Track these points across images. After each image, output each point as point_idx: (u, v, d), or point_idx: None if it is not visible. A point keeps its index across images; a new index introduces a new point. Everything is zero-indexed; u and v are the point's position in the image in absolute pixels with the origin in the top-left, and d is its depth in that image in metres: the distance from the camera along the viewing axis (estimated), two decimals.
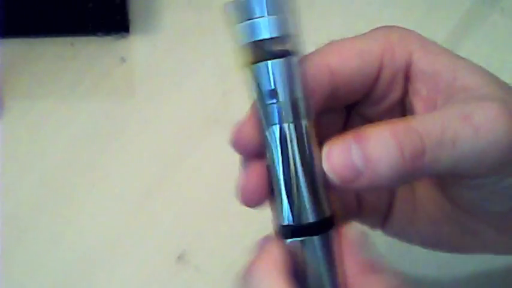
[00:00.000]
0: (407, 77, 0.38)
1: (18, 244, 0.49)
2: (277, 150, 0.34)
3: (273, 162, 0.35)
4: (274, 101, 0.34)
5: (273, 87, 0.34)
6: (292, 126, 0.34)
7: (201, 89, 0.55)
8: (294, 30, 0.35)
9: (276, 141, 0.34)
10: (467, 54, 0.56)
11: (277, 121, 0.34)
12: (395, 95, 0.38)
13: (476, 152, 0.34)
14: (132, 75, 0.57)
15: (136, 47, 0.57)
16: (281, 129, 0.34)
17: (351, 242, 0.35)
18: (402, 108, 0.38)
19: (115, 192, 0.51)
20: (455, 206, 0.39)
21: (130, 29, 0.57)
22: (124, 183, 0.52)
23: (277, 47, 0.34)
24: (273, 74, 0.34)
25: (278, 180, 0.35)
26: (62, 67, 0.56)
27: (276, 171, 0.35)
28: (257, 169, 0.36)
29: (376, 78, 0.37)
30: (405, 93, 0.38)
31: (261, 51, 0.34)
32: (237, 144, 0.36)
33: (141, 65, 0.57)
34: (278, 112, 0.34)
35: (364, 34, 0.38)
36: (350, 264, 0.35)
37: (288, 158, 0.34)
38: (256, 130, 0.35)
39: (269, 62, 0.34)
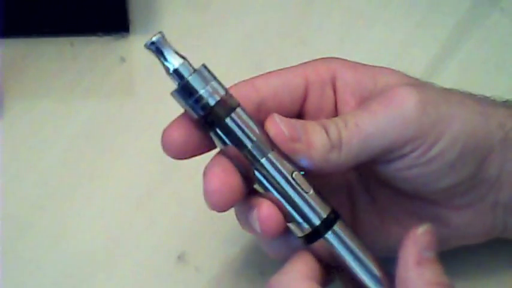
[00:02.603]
0: (335, 91, 0.43)
1: (18, 244, 0.49)
2: (283, 172, 0.40)
3: (284, 185, 0.40)
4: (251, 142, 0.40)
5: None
6: (268, 157, 0.39)
7: None
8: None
9: (277, 166, 0.40)
10: (467, 54, 0.57)
11: (257, 159, 0.39)
12: (328, 107, 0.43)
13: (382, 130, 0.40)
14: (132, 75, 0.57)
15: (136, 47, 0.57)
16: (261, 165, 0.39)
17: (412, 238, 0.39)
18: None
19: (115, 192, 0.51)
20: (412, 198, 0.43)
21: (131, 29, 0.57)
22: (124, 183, 0.52)
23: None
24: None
25: (294, 196, 0.40)
26: (62, 67, 0.56)
27: (290, 189, 0.40)
28: (222, 171, 0.40)
29: (305, 93, 0.43)
30: (336, 105, 0.43)
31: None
32: (169, 151, 0.41)
33: (141, 65, 0.57)
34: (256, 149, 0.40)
35: None
36: (408, 256, 0.39)
37: (281, 184, 0.40)
38: (184, 131, 0.40)
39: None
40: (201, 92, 0.39)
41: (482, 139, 0.41)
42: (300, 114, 0.43)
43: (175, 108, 0.54)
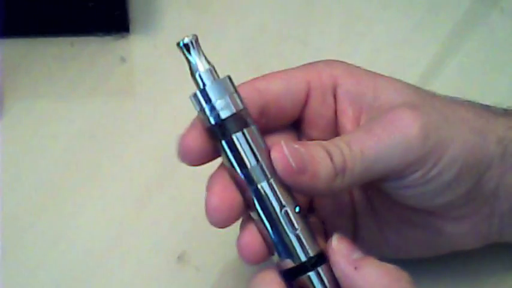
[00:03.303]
0: (335, 98, 0.43)
1: (18, 244, 0.49)
2: (274, 205, 0.39)
3: (272, 218, 0.39)
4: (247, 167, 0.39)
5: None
6: (265, 184, 0.39)
7: None
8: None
9: (270, 196, 0.39)
10: (467, 54, 0.57)
11: (255, 183, 0.39)
12: (328, 114, 0.43)
13: (386, 156, 0.39)
14: (132, 75, 0.57)
15: (136, 47, 0.57)
16: (257, 189, 0.39)
17: (334, 251, 0.39)
18: (337, 129, 0.43)
19: (115, 192, 0.51)
20: (408, 207, 0.43)
21: (130, 29, 0.57)
22: (124, 183, 0.52)
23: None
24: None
25: (281, 231, 0.39)
26: (62, 67, 0.56)
27: (278, 223, 0.39)
28: (223, 188, 0.40)
29: (306, 98, 0.42)
30: (336, 113, 0.43)
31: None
32: (185, 157, 0.40)
33: (141, 65, 0.57)
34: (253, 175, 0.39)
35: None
36: (343, 268, 0.39)
37: (271, 214, 0.39)
38: (199, 139, 0.40)
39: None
40: (216, 102, 0.39)
41: (480, 158, 0.41)
42: (299, 119, 0.43)
43: (175, 109, 0.54)
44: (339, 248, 0.39)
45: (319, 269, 0.39)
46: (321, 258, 0.39)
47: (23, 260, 0.49)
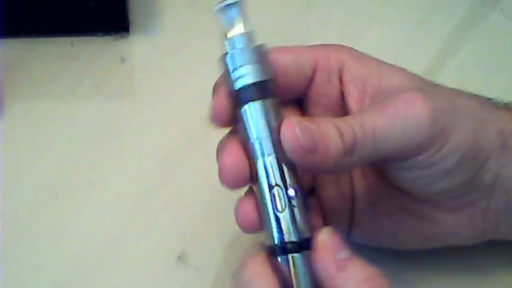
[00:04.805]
0: (341, 80, 0.43)
1: (18, 244, 0.49)
2: (263, 181, 0.39)
3: (262, 193, 0.39)
4: (257, 138, 0.39)
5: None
6: (266, 159, 0.39)
7: (200, 89, 0.55)
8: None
9: (262, 172, 0.39)
10: (467, 54, 0.57)
11: (260, 154, 0.39)
12: (332, 93, 0.43)
13: (396, 135, 0.40)
14: (132, 75, 0.57)
15: (136, 47, 0.57)
16: (264, 163, 0.39)
17: (321, 247, 0.39)
18: (341, 109, 0.44)
19: (115, 192, 0.51)
20: (406, 195, 0.43)
21: (131, 29, 0.57)
22: (124, 183, 0.52)
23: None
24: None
25: (266, 208, 0.39)
26: (62, 67, 0.56)
27: (265, 200, 0.39)
28: (236, 150, 0.40)
29: (312, 76, 0.43)
30: (341, 94, 0.43)
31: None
32: (216, 118, 0.41)
33: (141, 65, 0.57)
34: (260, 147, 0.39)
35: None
36: (326, 266, 0.38)
37: (262, 190, 0.39)
38: (226, 102, 0.40)
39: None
40: (241, 68, 0.39)
41: (480, 149, 0.42)
42: (303, 97, 0.44)
43: (175, 109, 0.54)
44: (326, 243, 0.39)
45: (297, 255, 0.39)
46: (304, 245, 0.39)
47: (22, 260, 0.49)
